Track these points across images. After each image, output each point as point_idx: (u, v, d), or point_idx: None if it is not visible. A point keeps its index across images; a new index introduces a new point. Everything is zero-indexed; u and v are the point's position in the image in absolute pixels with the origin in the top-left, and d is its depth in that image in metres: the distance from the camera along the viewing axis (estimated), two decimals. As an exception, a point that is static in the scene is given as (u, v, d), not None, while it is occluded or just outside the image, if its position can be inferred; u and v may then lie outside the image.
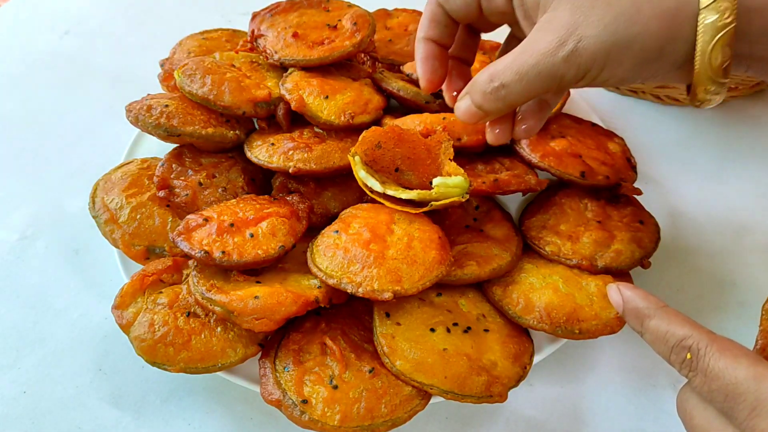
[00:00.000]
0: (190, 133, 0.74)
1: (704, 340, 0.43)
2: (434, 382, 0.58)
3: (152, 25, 1.18)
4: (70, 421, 0.65)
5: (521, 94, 0.52)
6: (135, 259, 0.71)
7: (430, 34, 0.62)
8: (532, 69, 0.50)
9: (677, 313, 0.47)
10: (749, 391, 0.39)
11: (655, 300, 0.49)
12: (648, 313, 0.48)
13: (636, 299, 0.49)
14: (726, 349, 0.42)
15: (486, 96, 0.54)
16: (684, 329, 0.45)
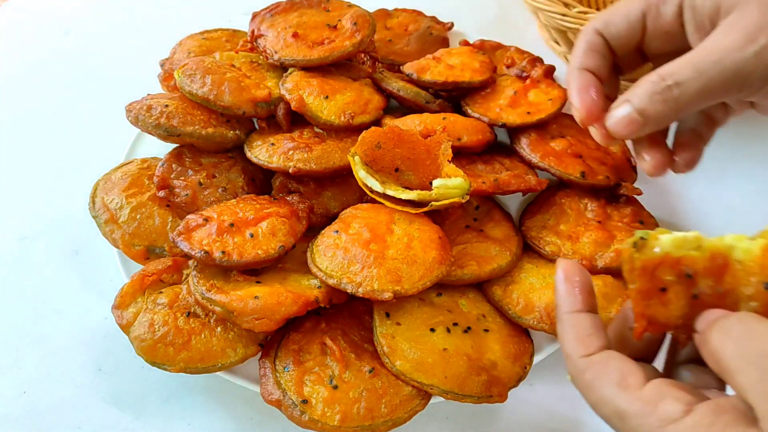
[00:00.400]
0: (190, 133, 0.74)
1: (579, 368, 0.43)
2: (434, 382, 0.58)
3: (152, 25, 1.18)
4: (70, 421, 0.65)
5: (697, 95, 0.48)
6: (135, 259, 0.71)
7: (587, 63, 0.57)
8: (715, 65, 0.46)
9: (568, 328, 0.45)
10: (619, 427, 0.40)
11: (573, 300, 0.46)
12: (559, 316, 0.46)
13: (562, 292, 0.46)
14: (595, 379, 0.42)
15: (653, 98, 0.49)
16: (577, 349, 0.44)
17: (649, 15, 0.54)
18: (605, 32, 0.57)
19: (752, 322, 0.38)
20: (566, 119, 0.85)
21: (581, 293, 0.46)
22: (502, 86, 0.85)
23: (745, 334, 0.37)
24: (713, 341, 0.39)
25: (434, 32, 0.98)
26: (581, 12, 0.90)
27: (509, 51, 0.95)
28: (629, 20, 0.55)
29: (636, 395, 0.39)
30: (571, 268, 0.46)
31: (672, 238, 0.42)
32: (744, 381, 0.36)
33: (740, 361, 0.36)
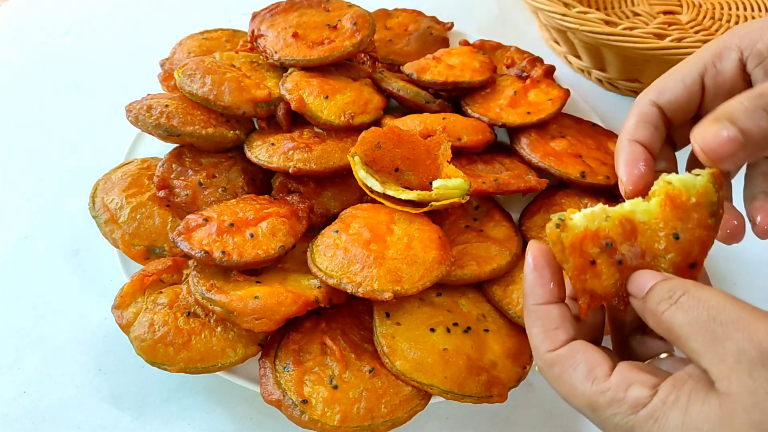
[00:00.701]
0: (190, 133, 0.74)
1: (547, 361, 0.44)
2: (434, 382, 0.58)
3: (152, 25, 1.18)
4: (70, 421, 0.65)
5: None
6: (135, 259, 0.71)
7: (638, 136, 0.54)
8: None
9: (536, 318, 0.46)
10: (592, 418, 0.41)
11: (540, 292, 0.46)
12: (526, 306, 0.47)
13: (530, 281, 0.47)
14: (564, 372, 0.43)
15: (756, 113, 0.44)
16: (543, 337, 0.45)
17: (707, 75, 0.52)
18: (660, 101, 0.54)
19: (696, 290, 0.40)
20: (566, 119, 0.85)
21: (550, 283, 0.46)
22: (502, 86, 0.85)
23: (692, 303, 0.39)
24: (661, 311, 0.40)
25: (434, 32, 0.98)
26: (581, 12, 0.90)
27: (509, 51, 0.95)
28: (685, 84, 0.53)
29: (604, 386, 0.41)
30: (541, 256, 0.47)
31: (583, 214, 0.45)
32: (697, 346, 0.38)
33: (691, 328, 0.38)
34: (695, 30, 1.07)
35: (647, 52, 0.86)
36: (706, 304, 0.39)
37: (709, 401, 0.37)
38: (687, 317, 0.39)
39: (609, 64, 0.98)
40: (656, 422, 0.38)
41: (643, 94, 0.55)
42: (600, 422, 0.41)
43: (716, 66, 0.52)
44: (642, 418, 0.38)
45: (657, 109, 0.54)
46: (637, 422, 0.38)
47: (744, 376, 0.36)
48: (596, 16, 0.88)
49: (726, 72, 0.52)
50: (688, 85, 0.53)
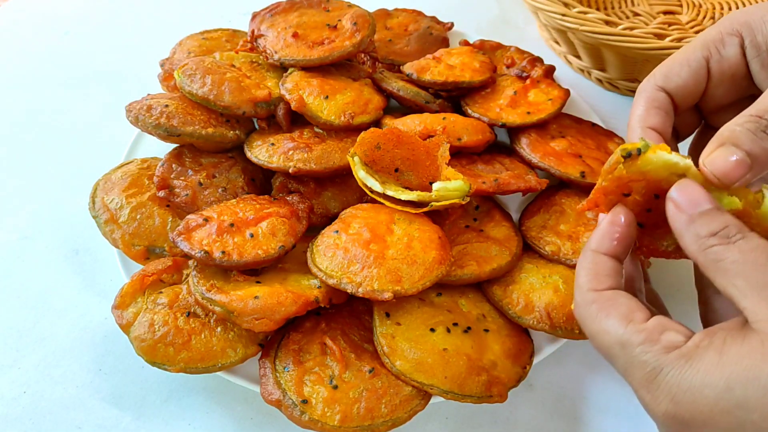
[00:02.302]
0: (190, 133, 0.74)
1: (587, 299, 0.45)
2: (434, 382, 0.58)
3: (152, 25, 1.18)
4: (70, 421, 0.65)
5: None
6: (135, 259, 0.71)
7: (651, 122, 0.54)
8: None
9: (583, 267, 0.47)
10: (618, 356, 0.42)
11: (605, 243, 0.47)
12: (584, 250, 0.48)
13: (600, 231, 0.48)
14: (602, 309, 0.43)
15: (758, 135, 0.46)
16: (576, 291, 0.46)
17: (711, 60, 0.52)
18: (667, 86, 0.54)
19: (755, 237, 0.40)
20: (566, 119, 0.85)
21: (617, 241, 0.47)
22: (502, 86, 0.85)
23: (752, 245, 0.40)
24: (711, 244, 0.41)
25: (434, 32, 0.98)
26: (581, 12, 0.90)
27: (509, 51, 0.95)
28: (692, 68, 0.53)
29: (640, 327, 0.41)
30: (623, 217, 0.47)
31: (664, 161, 0.45)
32: (743, 285, 0.39)
33: (744, 266, 0.39)
34: (695, 30, 1.07)
35: (647, 52, 0.86)
36: (765, 251, 0.39)
37: (749, 341, 0.37)
38: (742, 257, 0.39)
39: (609, 64, 0.98)
40: (688, 362, 0.38)
41: (648, 80, 0.55)
42: (627, 360, 0.41)
43: (720, 52, 0.52)
44: (673, 357, 0.39)
45: (665, 94, 0.54)
46: (668, 361, 0.39)
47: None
48: (596, 16, 0.88)
49: (730, 58, 0.52)
50: (694, 69, 0.52)
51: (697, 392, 0.37)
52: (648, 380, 0.39)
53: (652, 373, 0.39)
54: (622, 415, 0.66)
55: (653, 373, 0.39)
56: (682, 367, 0.38)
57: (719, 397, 0.36)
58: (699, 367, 0.37)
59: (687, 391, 0.37)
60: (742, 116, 0.47)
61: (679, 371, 0.38)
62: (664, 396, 0.38)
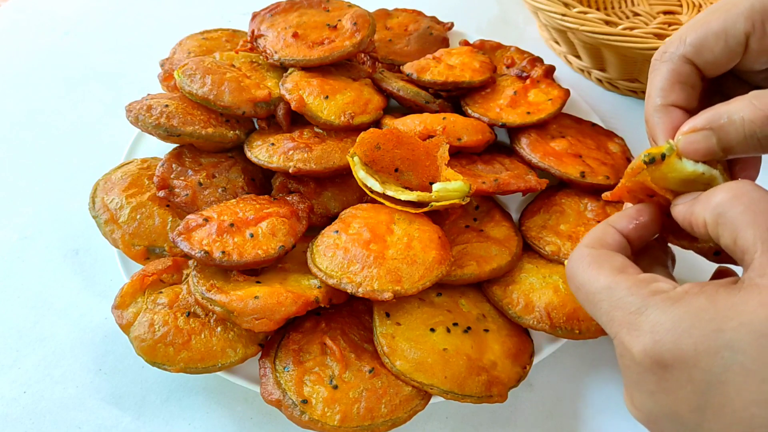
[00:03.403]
0: (190, 133, 0.74)
1: (582, 253, 0.44)
2: (434, 382, 0.59)
3: (152, 25, 1.18)
4: (70, 421, 0.65)
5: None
6: (135, 259, 0.71)
7: (673, 98, 0.48)
8: None
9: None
10: (603, 300, 0.40)
11: (621, 221, 0.46)
12: (601, 223, 0.47)
13: (624, 211, 0.47)
14: (594, 261, 0.43)
15: (749, 141, 0.42)
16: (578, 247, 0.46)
17: (753, 36, 0.46)
18: (698, 60, 0.47)
19: (763, 190, 0.39)
20: (566, 119, 0.85)
21: (634, 226, 0.46)
22: (502, 86, 0.85)
23: (759, 196, 0.38)
24: (720, 197, 0.39)
25: (434, 32, 0.98)
26: (581, 12, 0.90)
27: (509, 51, 0.95)
28: (728, 45, 0.46)
29: (631, 275, 0.41)
30: (649, 210, 0.47)
31: (690, 171, 0.43)
32: (752, 235, 0.36)
33: (754, 216, 0.37)
34: (695, 30, 1.07)
35: (647, 52, 0.86)
36: None
37: (747, 291, 0.35)
38: (752, 207, 0.37)
39: (609, 64, 0.98)
40: (675, 303, 0.37)
41: (676, 47, 0.48)
42: (611, 302, 0.40)
43: (765, 26, 0.45)
44: (659, 299, 0.37)
45: (693, 67, 0.48)
46: (653, 302, 0.37)
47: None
48: (596, 16, 0.88)
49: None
50: (732, 46, 0.46)
51: (682, 331, 0.35)
52: (630, 319, 0.38)
53: (636, 312, 0.38)
54: (622, 415, 0.66)
55: (637, 312, 0.38)
56: (667, 308, 0.37)
57: (707, 337, 0.35)
58: (686, 308, 0.36)
59: (670, 330, 0.36)
60: (749, 106, 0.42)
61: (663, 311, 0.37)
62: (645, 333, 0.37)
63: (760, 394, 0.33)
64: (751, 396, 0.33)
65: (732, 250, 0.39)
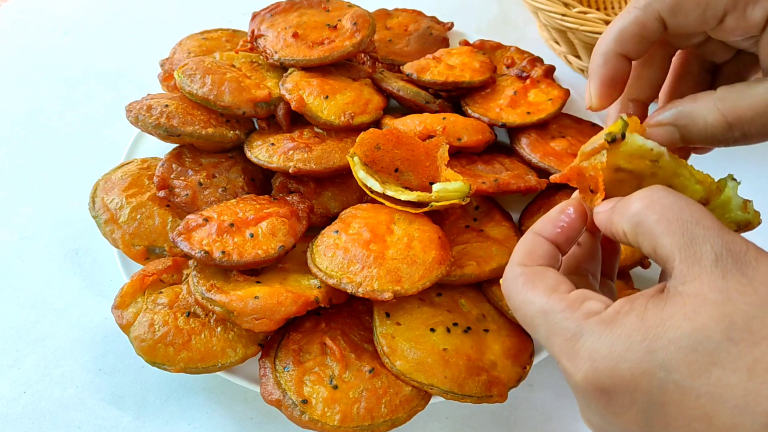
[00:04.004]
0: (190, 133, 0.74)
1: (515, 273, 0.44)
2: (434, 382, 0.59)
3: (152, 25, 1.18)
4: (70, 421, 0.65)
5: (752, 141, 0.45)
6: (135, 259, 0.71)
7: (628, 49, 0.48)
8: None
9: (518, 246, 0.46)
10: (541, 324, 0.41)
11: (548, 228, 0.46)
12: (527, 231, 0.47)
13: (548, 216, 0.47)
14: (528, 282, 0.43)
15: (712, 140, 0.44)
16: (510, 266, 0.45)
17: (731, 14, 0.45)
18: (669, 20, 0.47)
19: (680, 196, 0.39)
20: (566, 119, 0.85)
21: (560, 230, 0.46)
22: (502, 86, 0.85)
23: (674, 202, 0.38)
24: (635, 207, 0.39)
25: (434, 32, 0.98)
26: (581, 12, 0.90)
27: (509, 51, 0.95)
28: (705, 15, 0.45)
29: (563, 297, 0.40)
30: (572, 209, 0.46)
31: (639, 146, 0.43)
32: (670, 243, 0.37)
33: (670, 225, 0.37)
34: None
35: (647, 52, 0.85)
36: (689, 208, 0.38)
37: (671, 304, 0.36)
38: (666, 215, 0.38)
39: (609, 64, 0.98)
40: (608, 327, 0.37)
41: (651, 3, 0.47)
42: (548, 327, 0.40)
43: (746, 9, 0.45)
44: (593, 323, 0.38)
45: (661, 24, 0.47)
46: (587, 326, 0.38)
47: (717, 278, 0.35)
48: (596, 16, 0.88)
49: (752, 18, 0.44)
50: (707, 18, 0.45)
51: (618, 356, 0.36)
52: (568, 347, 0.38)
53: (572, 339, 0.38)
54: (622, 415, 0.66)
55: (573, 339, 0.38)
56: (601, 333, 0.37)
57: (641, 360, 0.35)
58: (619, 332, 0.36)
59: (607, 356, 0.36)
60: (712, 109, 0.44)
61: (598, 336, 0.37)
62: (584, 361, 0.37)
63: (698, 410, 0.34)
64: (690, 413, 0.34)
65: (654, 258, 0.39)
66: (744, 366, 0.33)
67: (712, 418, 0.33)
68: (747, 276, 0.35)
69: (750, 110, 0.43)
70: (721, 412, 0.33)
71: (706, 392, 0.33)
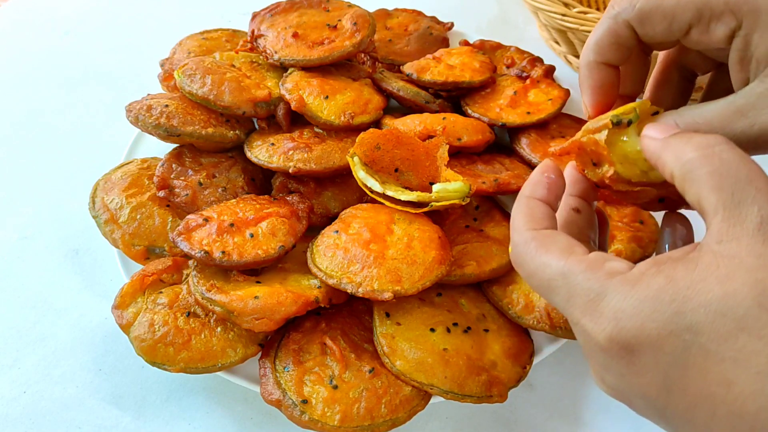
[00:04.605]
0: (190, 133, 0.74)
1: (526, 237, 0.43)
2: (434, 382, 0.59)
3: (152, 25, 1.18)
4: (70, 421, 0.65)
5: None
6: (135, 259, 0.71)
7: (608, 57, 0.50)
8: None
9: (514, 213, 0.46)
10: (560, 287, 0.40)
11: (538, 189, 0.47)
12: (519, 197, 0.47)
13: (533, 179, 0.47)
14: (541, 246, 0.42)
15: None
16: (512, 233, 0.45)
17: (695, 29, 0.46)
18: (639, 29, 0.48)
19: (738, 151, 0.38)
20: (566, 119, 0.85)
21: (548, 189, 0.46)
22: (502, 86, 0.85)
23: (734, 157, 0.37)
24: (691, 155, 0.38)
25: (434, 32, 0.98)
26: (581, 12, 0.90)
27: (509, 51, 0.95)
28: (671, 28, 0.47)
29: (583, 258, 0.40)
30: (553, 168, 0.47)
31: (637, 151, 0.43)
32: (717, 199, 0.36)
33: (722, 179, 0.36)
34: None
35: (647, 52, 0.86)
36: (747, 165, 0.36)
37: (704, 263, 0.35)
38: (721, 169, 0.37)
39: (609, 64, 0.98)
40: (634, 287, 0.36)
41: (623, 9, 0.48)
42: (569, 289, 0.39)
43: (710, 25, 0.45)
44: (617, 282, 0.37)
45: (632, 32, 0.49)
46: (612, 285, 0.37)
47: (758, 242, 0.34)
48: (596, 16, 0.88)
49: (715, 34, 0.45)
50: (673, 30, 0.47)
51: (645, 316, 0.35)
52: (591, 306, 0.38)
53: (596, 298, 0.37)
54: (622, 415, 0.66)
55: (597, 298, 0.37)
56: (627, 292, 0.36)
57: (668, 321, 0.35)
58: (647, 292, 0.36)
59: (633, 316, 0.36)
60: (673, 126, 0.44)
61: (624, 296, 0.36)
62: (608, 320, 0.37)
63: (719, 375, 0.34)
64: (712, 377, 0.34)
65: (696, 207, 0.38)
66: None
67: (732, 383, 0.33)
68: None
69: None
70: (742, 378, 0.33)
71: (731, 357, 0.33)
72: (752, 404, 0.33)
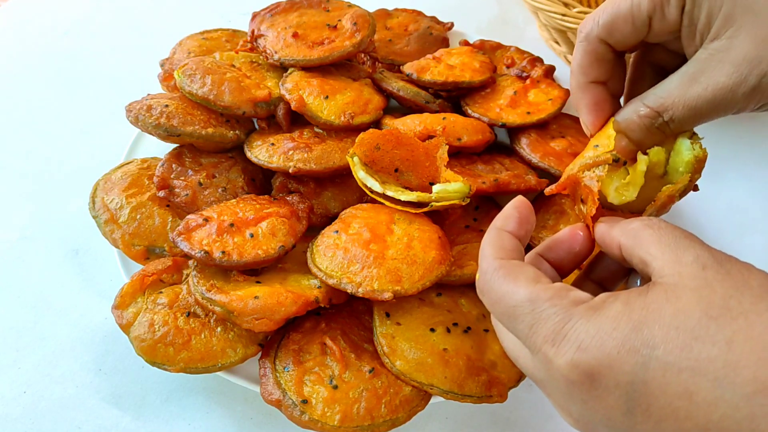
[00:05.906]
0: (190, 133, 0.74)
1: (494, 266, 0.46)
2: (434, 382, 0.59)
3: (152, 25, 1.18)
4: (70, 421, 0.65)
5: (689, 126, 0.50)
6: (135, 259, 0.71)
7: (594, 76, 0.54)
8: (708, 104, 0.47)
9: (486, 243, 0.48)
10: (526, 313, 0.42)
11: (510, 223, 0.49)
12: (490, 228, 0.50)
13: (505, 213, 0.50)
14: (509, 274, 0.44)
15: (650, 130, 0.49)
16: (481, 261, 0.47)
17: (654, 17, 0.51)
18: (610, 40, 0.53)
19: (671, 225, 0.43)
20: (566, 119, 0.85)
21: (519, 223, 0.49)
22: (502, 86, 0.85)
23: (665, 227, 0.42)
24: (636, 224, 0.44)
25: (434, 32, 0.98)
26: (581, 12, 0.90)
27: (509, 51, 0.95)
28: (636, 27, 0.52)
29: (549, 286, 0.42)
30: (525, 205, 0.50)
31: (625, 190, 0.49)
32: (656, 251, 0.41)
33: (660, 237, 0.42)
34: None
35: (647, 52, 0.86)
36: (681, 229, 0.42)
37: (654, 291, 0.38)
38: (662, 230, 0.42)
39: (609, 64, 0.98)
40: (596, 312, 0.39)
41: (590, 29, 0.53)
42: (534, 316, 0.41)
43: (664, 10, 0.50)
44: (581, 309, 0.39)
45: (606, 45, 0.53)
46: (576, 312, 0.39)
47: (697, 269, 0.38)
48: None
49: (670, 16, 0.50)
50: (638, 27, 0.51)
51: (605, 335, 0.38)
52: (555, 332, 0.40)
53: (560, 323, 0.40)
54: (622, 415, 0.66)
55: (561, 323, 0.39)
56: (590, 317, 0.39)
57: (626, 338, 0.37)
58: (607, 314, 0.38)
59: (594, 336, 0.38)
60: (641, 106, 0.49)
61: (587, 320, 0.39)
62: (571, 345, 0.39)
63: (679, 386, 0.35)
64: (672, 389, 0.35)
65: (640, 268, 0.42)
66: (723, 339, 0.35)
67: (693, 393, 0.35)
68: (725, 268, 0.38)
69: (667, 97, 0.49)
70: (702, 386, 0.34)
71: (688, 366, 0.35)
72: (715, 413, 0.34)
